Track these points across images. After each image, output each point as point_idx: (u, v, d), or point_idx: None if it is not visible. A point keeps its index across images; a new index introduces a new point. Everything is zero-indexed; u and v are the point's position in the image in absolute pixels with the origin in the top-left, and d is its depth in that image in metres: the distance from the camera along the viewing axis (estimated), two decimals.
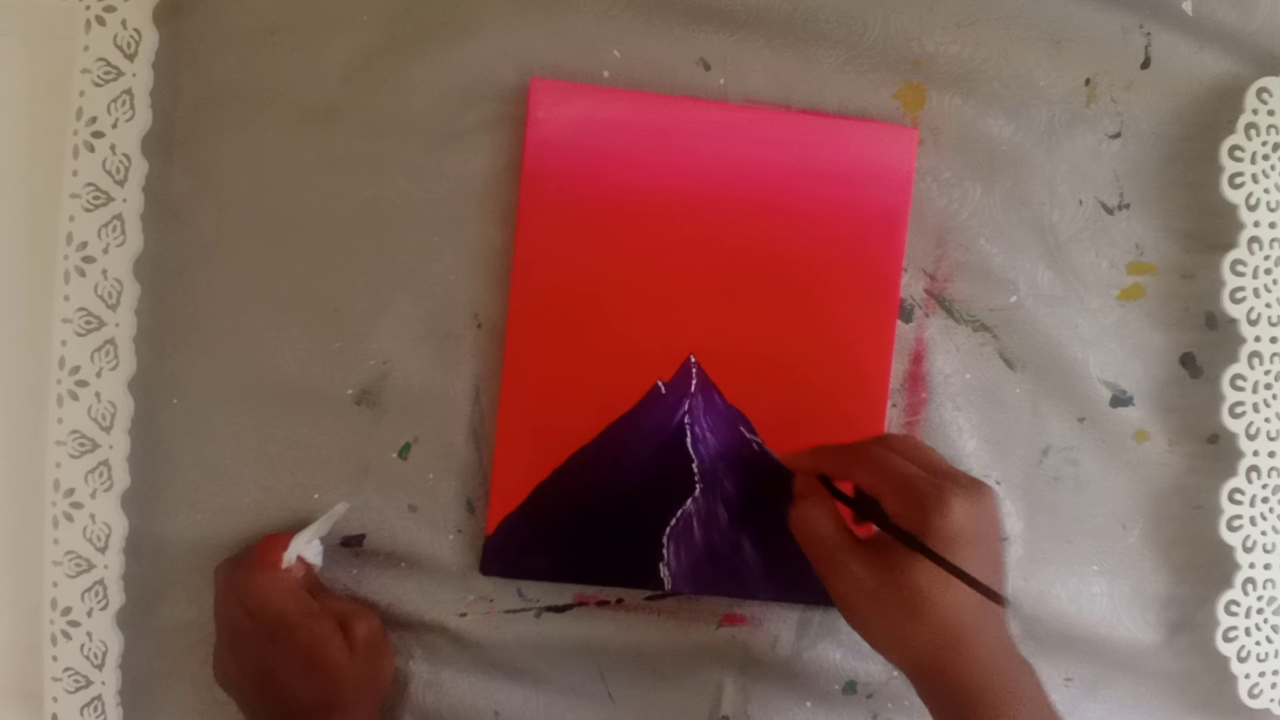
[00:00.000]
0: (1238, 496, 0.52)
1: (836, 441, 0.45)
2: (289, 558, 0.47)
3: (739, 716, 0.52)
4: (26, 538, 0.49)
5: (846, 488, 0.45)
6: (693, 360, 0.50)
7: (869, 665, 0.52)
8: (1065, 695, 0.53)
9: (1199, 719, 0.54)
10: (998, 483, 0.53)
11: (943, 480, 0.41)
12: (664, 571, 0.50)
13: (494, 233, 0.50)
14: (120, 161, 0.47)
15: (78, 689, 0.48)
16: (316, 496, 0.50)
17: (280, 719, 0.45)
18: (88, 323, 0.47)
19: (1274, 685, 0.52)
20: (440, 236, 0.50)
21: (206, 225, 0.50)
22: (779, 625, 0.52)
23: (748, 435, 0.50)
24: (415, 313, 0.50)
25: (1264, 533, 0.52)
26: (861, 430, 0.51)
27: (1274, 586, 0.52)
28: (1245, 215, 0.51)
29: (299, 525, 0.49)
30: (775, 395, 0.50)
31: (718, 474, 0.50)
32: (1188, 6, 0.52)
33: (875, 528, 0.43)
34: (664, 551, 0.50)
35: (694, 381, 0.50)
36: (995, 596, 0.38)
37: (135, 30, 0.47)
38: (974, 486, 0.41)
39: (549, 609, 0.51)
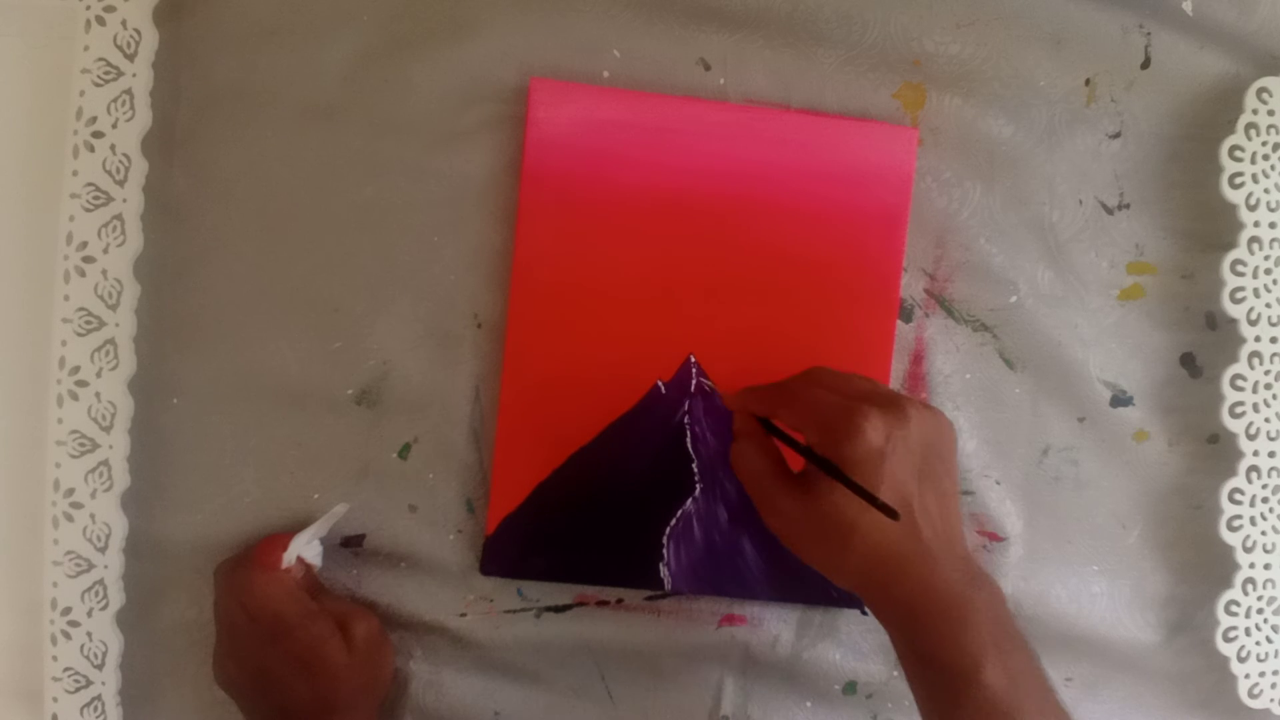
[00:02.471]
0: (1238, 496, 0.52)
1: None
2: (288, 558, 0.47)
3: (739, 716, 0.52)
4: (26, 538, 0.49)
5: None
6: (693, 360, 0.50)
7: (869, 665, 0.52)
8: (1065, 695, 0.53)
9: (1199, 719, 0.54)
10: (997, 483, 0.53)
11: (855, 403, 0.40)
12: (664, 571, 0.50)
13: (494, 233, 0.50)
14: (120, 161, 0.47)
15: (78, 689, 0.48)
16: (316, 496, 0.50)
17: (280, 719, 0.45)
18: (88, 323, 0.47)
19: (1274, 685, 0.52)
20: (440, 236, 0.50)
21: (206, 225, 0.50)
22: (779, 625, 0.52)
23: None
24: (415, 313, 0.50)
25: (1264, 533, 0.52)
26: None
27: (1274, 586, 0.52)
28: (1245, 215, 0.51)
29: (299, 525, 0.49)
30: None
31: (718, 474, 0.50)
32: (1188, 6, 0.52)
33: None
34: (664, 551, 0.50)
35: (694, 381, 0.50)
36: (887, 510, 0.38)
37: (135, 30, 0.47)
38: (890, 404, 0.41)
39: (549, 609, 0.51)
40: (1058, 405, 0.53)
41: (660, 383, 0.50)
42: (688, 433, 0.50)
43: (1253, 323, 0.51)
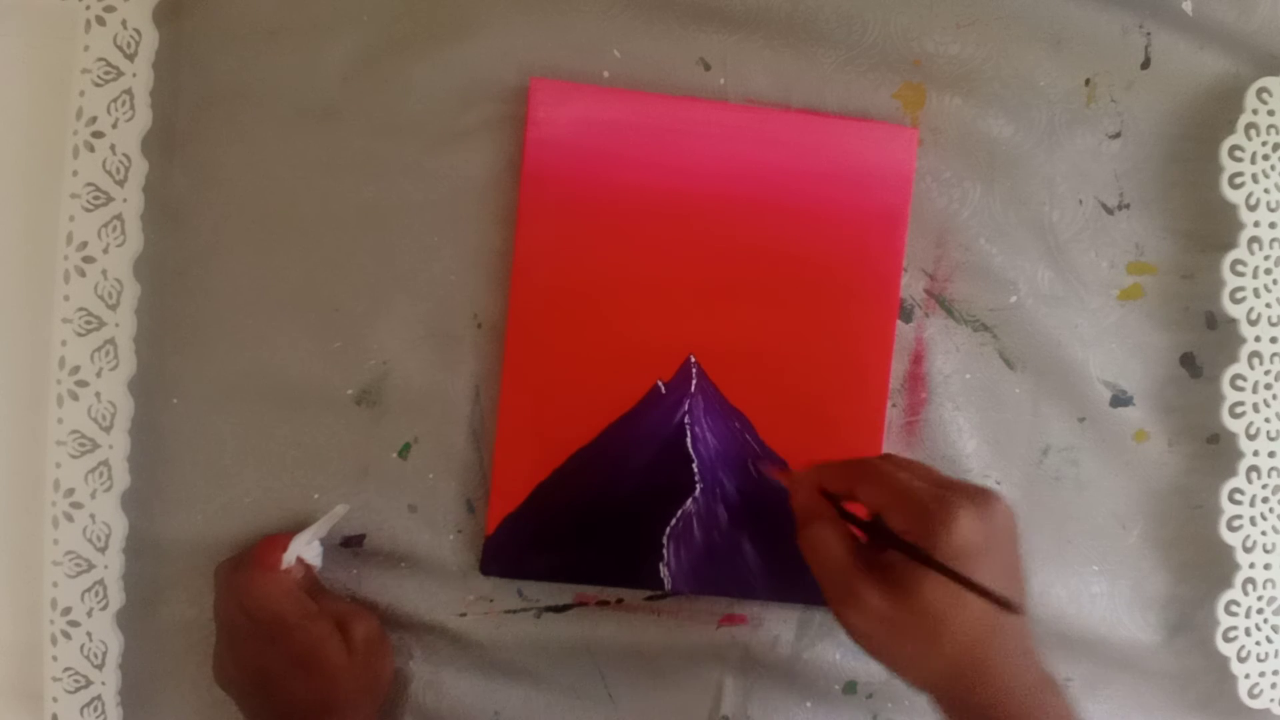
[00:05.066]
0: (1238, 496, 0.52)
1: (837, 446, 0.45)
2: (288, 559, 0.47)
3: (739, 716, 0.52)
4: (26, 538, 0.49)
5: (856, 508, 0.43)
6: (693, 360, 0.50)
7: (869, 665, 0.52)
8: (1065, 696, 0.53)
9: (1199, 719, 0.54)
10: (997, 483, 0.53)
11: (947, 492, 0.39)
12: (664, 571, 0.50)
13: (494, 233, 0.50)
14: (120, 161, 0.47)
15: (78, 689, 0.48)
16: (316, 496, 0.50)
17: (279, 719, 0.45)
18: (88, 323, 0.47)
19: (1274, 685, 0.52)
20: (440, 236, 0.50)
21: (206, 225, 0.50)
22: (779, 625, 0.52)
23: (748, 436, 0.50)
24: (415, 313, 0.50)
25: (1264, 533, 0.52)
26: (862, 429, 0.51)
27: (1274, 586, 0.52)
28: (1245, 215, 0.51)
29: (299, 525, 0.49)
30: (775, 395, 0.50)
31: (718, 474, 0.50)
32: (1188, 6, 0.52)
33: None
34: (664, 551, 0.50)
35: (694, 381, 0.50)
36: (1010, 605, 0.36)
37: (135, 30, 0.47)
38: (980, 497, 0.40)
39: (549, 609, 0.51)
40: (1058, 405, 0.53)
41: (660, 383, 0.50)
42: (688, 433, 0.50)
43: (1253, 323, 0.51)
